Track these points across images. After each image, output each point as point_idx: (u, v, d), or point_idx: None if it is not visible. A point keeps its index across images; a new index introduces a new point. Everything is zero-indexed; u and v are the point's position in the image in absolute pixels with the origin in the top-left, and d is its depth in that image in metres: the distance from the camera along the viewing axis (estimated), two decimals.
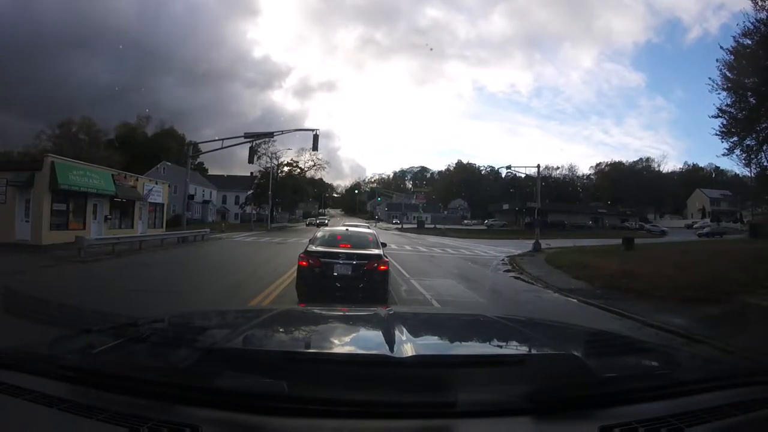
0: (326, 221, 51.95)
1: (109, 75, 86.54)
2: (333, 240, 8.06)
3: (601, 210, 71.71)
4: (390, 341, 1.49)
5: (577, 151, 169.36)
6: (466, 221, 77.63)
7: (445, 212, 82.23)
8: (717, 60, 15.31)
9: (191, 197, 27.65)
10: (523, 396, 1.08)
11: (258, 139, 25.27)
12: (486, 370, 1.29)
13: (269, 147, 58.08)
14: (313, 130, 24.76)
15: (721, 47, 15.13)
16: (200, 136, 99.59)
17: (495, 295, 10.43)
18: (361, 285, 6.98)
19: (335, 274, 7.05)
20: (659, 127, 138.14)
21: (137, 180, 25.89)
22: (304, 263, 7.30)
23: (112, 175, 23.57)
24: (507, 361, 1.46)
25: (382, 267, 7.27)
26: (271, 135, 25.72)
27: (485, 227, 64.17)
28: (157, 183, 28.40)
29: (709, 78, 15.64)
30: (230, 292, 9.15)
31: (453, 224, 61.72)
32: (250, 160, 25.37)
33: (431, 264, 17.04)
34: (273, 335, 1.82)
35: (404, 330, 1.60)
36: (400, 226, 62.36)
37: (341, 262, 7.16)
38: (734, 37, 14.79)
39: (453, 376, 1.19)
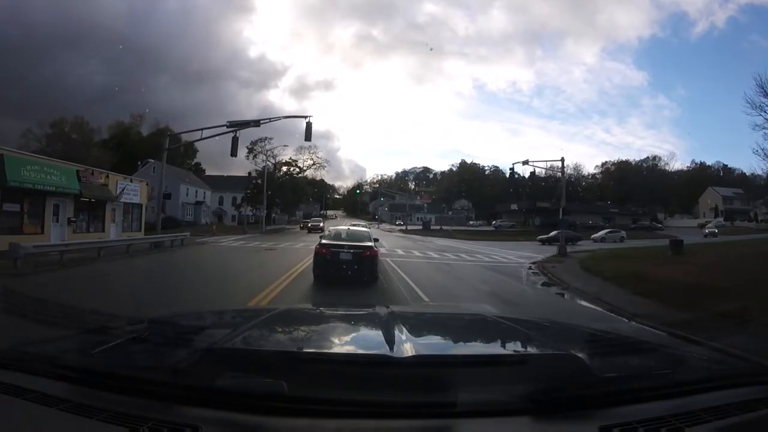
0: (320, 224, 44.22)
1: (104, 75, 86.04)
2: (339, 236, 11.31)
3: (612, 210, 68.36)
4: (390, 341, 1.44)
5: (579, 151, 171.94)
6: (471, 222, 74.65)
7: (450, 213, 79.60)
8: None
9: (168, 197, 24.23)
10: (523, 396, 1.07)
11: (242, 128, 21.75)
12: (486, 370, 1.27)
13: (266, 145, 54.84)
14: (305, 116, 21.43)
15: None
16: (197, 136, 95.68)
17: None
18: (356, 266, 10.01)
19: (340, 258, 10.07)
20: (662, 126, 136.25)
21: (108, 177, 22.53)
22: (320, 251, 10.36)
23: (78, 171, 20.35)
24: (507, 361, 1.44)
25: (372, 254, 10.38)
26: (257, 123, 22.32)
27: (493, 228, 60.81)
28: (132, 181, 25.02)
29: None
30: None
31: (458, 225, 58.35)
32: (233, 153, 21.95)
33: (450, 276, 13.70)
34: (273, 335, 1.79)
35: (404, 330, 1.55)
36: (404, 227, 58.70)
37: (345, 250, 10.18)
38: None
39: (453, 376, 1.18)
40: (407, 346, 1.36)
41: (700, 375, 1.41)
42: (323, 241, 10.74)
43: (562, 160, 26.32)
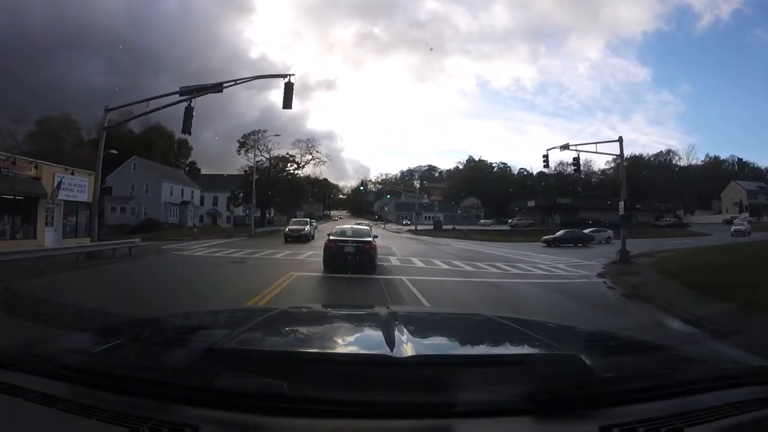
0: (304, 229, 28.32)
1: (104, 76, 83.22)
2: (344, 233, 13.84)
3: (636, 206, 62.64)
4: (390, 341, 1.43)
5: (584, 149, 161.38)
6: (482, 221, 69.04)
7: (459, 211, 74.33)
8: None
9: (107, 191, 18.46)
10: (523, 396, 1.08)
11: (199, 95, 16.13)
12: (486, 370, 1.27)
13: (259, 138, 49.33)
14: (285, 75, 15.79)
15: None
16: (199, 138, 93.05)
17: None
18: (358, 258, 12.29)
19: (345, 251, 12.41)
20: (666, 122, 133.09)
21: (38, 168, 16.99)
22: (329, 246, 12.72)
23: None
24: (507, 361, 1.42)
25: (371, 247, 12.76)
26: (219, 88, 16.67)
27: (509, 227, 54.69)
28: (74, 173, 19.40)
29: None
30: None
31: (468, 224, 52.60)
32: (186, 130, 16.27)
33: (510, 312, 7.64)
34: (273, 335, 1.77)
35: (404, 330, 1.54)
36: (413, 227, 52.57)
37: (349, 244, 12.57)
38: None
39: (453, 376, 1.18)
40: (407, 346, 1.35)
41: (700, 375, 1.40)
42: (331, 237, 13.07)
43: (620, 140, 20.49)
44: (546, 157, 24.14)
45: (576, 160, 22.92)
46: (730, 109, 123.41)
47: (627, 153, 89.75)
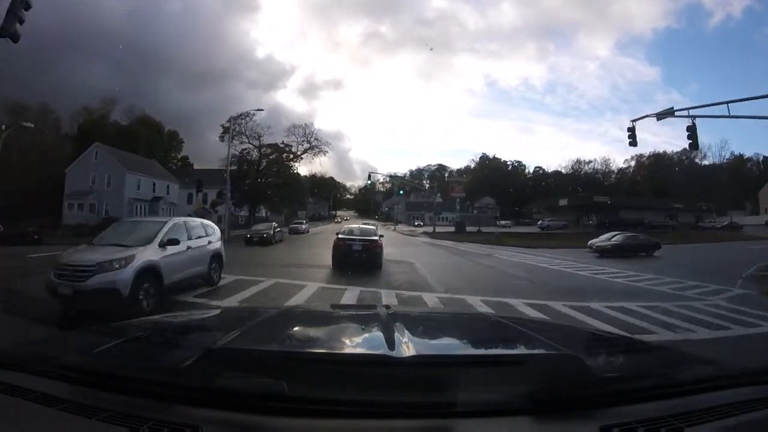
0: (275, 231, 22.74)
1: (104, 78, 79.05)
2: (352, 232, 15.39)
3: (677, 205, 56.05)
4: (390, 341, 1.42)
5: (592, 149, 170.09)
6: (501, 222, 62.44)
7: (474, 211, 67.03)
8: None
9: None
10: (524, 396, 1.08)
11: None
12: (486, 370, 1.27)
13: (247, 122, 41.98)
14: None
15: None
16: (204, 140, 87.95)
17: None
18: (364, 255, 13.91)
19: (353, 248, 14.00)
20: (675, 122, 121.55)
21: None
22: (337, 244, 14.33)
23: None
24: (507, 361, 1.41)
25: (377, 245, 14.36)
26: None
27: (540, 229, 46.89)
28: None
29: None
30: None
31: (486, 226, 45.64)
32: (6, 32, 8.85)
33: None
34: (273, 335, 1.77)
35: (404, 330, 1.53)
36: (431, 229, 45.00)
37: (356, 242, 14.23)
38: None
39: (453, 376, 1.18)
40: (407, 346, 1.34)
41: (700, 375, 1.37)
42: (340, 236, 14.62)
43: None
44: (632, 129, 16.86)
45: (691, 129, 15.44)
46: (735, 108, 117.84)
47: (646, 151, 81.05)
